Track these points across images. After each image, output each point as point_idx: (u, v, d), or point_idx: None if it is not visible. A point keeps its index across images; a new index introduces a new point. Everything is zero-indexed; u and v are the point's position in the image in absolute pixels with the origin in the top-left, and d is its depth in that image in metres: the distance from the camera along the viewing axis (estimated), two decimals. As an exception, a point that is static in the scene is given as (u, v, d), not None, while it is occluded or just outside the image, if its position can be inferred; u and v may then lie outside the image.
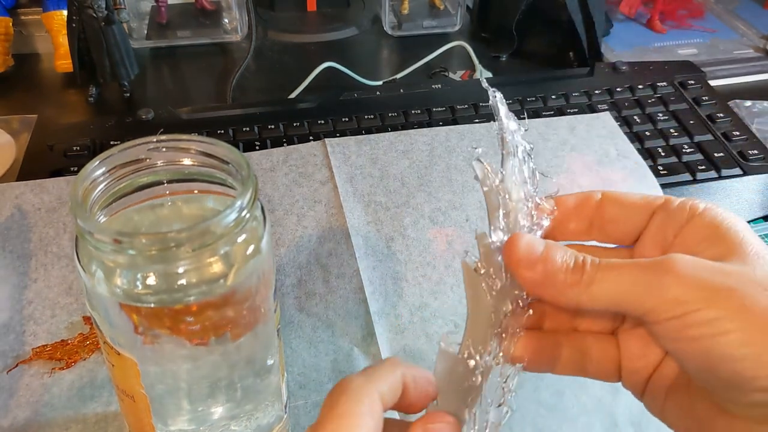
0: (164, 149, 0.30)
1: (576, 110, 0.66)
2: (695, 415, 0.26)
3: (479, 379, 0.28)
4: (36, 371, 0.42)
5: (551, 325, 0.30)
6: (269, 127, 0.62)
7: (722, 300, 0.23)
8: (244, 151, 0.59)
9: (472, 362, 0.28)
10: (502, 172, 0.29)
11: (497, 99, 0.30)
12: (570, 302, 0.26)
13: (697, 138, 0.63)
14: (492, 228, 0.28)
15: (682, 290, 0.24)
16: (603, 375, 0.29)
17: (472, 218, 0.53)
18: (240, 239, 0.28)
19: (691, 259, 0.24)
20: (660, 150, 0.61)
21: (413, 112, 0.65)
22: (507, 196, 0.28)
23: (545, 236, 0.29)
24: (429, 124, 0.63)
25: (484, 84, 0.30)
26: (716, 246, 0.26)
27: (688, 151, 0.61)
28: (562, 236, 0.30)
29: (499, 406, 0.28)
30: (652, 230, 0.28)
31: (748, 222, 0.54)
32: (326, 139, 0.59)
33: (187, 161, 0.31)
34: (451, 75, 0.76)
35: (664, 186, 0.56)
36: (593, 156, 0.57)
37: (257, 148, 0.60)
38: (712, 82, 0.72)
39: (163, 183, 0.31)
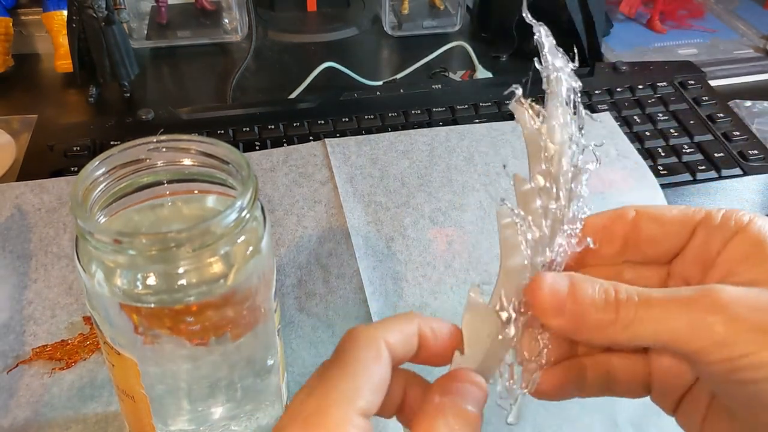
0: (164, 149, 0.30)
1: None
2: None
3: (512, 331, 0.26)
4: (36, 371, 0.42)
5: (581, 350, 0.28)
6: (269, 127, 0.62)
7: None
8: (244, 151, 0.59)
9: (504, 314, 0.26)
10: (543, 114, 0.27)
11: (542, 33, 0.27)
12: (607, 342, 0.24)
13: (697, 138, 0.62)
14: (532, 173, 0.26)
15: (731, 332, 0.22)
16: (631, 393, 0.28)
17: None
18: (240, 239, 0.28)
19: (737, 293, 0.23)
20: (660, 150, 0.61)
21: (413, 112, 0.65)
22: (549, 139, 0.26)
23: (573, 263, 0.27)
24: (429, 125, 0.63)
25: (528, 17, 0.27)
26: (761, 266, 0.24)
27: (688, 151, 0.61)
28: (593, 260, 0.28)
29: (536, 357, 0.26)
30: (693, 247, 0.26)
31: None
32: (326, 140, 0.58)
33: (187, 161, 0.31)
34: (451, 75, 0.76)
35: (664, 186, 0.56)
36: (592, 156, 0.57)
37: (257, 148, 0.60)
38: (712, 82, 0.72)
39: (164, 183, 0.31)
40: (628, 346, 0.24)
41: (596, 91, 0.68)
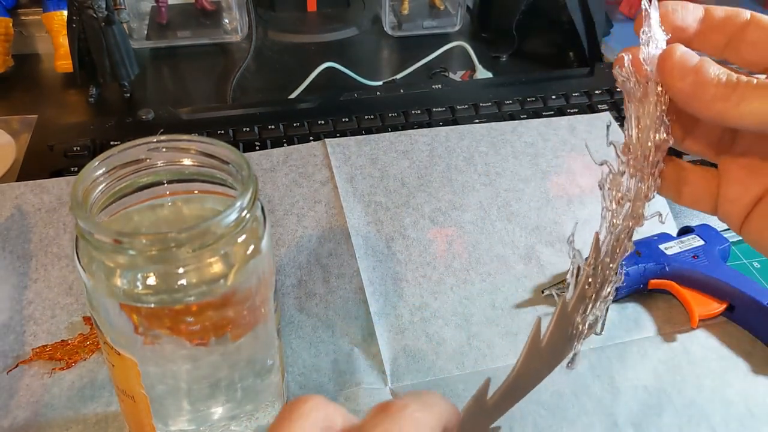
0: (164, 149, 0.30)
1: (576, 110, 0.66)
2: None
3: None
4: (36, 371, 0.42)
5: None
6: (269, 127, 0.62)
7: None
8: (244, 151, 0.58)
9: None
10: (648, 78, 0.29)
11: (653, 2, 0.29)
12: (717, 116, 0.26)
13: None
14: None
15: None
16: (699, 203, 0.30)
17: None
18: (240, 239, 0.28)
19: None
20: (660, 150, 0.61)
21: (413, 112, 0.65)
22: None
23: (680, 42, 0.29)
24: (429, 125, 0.63)
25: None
26: None
27: (688, 151, 0.61)
28: (699, 46, 0.29)
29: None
30: None
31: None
32: (326, 140, 0.58)
33: (187, 161, 0.31)
34: (451, 75, 0.76)
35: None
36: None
37: (257, 148, 0.60)
38: (713, 82, 0.72)
39: (164, 183, 0.31)
40: (737, 124, 0.25)
41: (596, 91, 0.68)
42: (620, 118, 0.64)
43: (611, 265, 0.29)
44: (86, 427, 0.39)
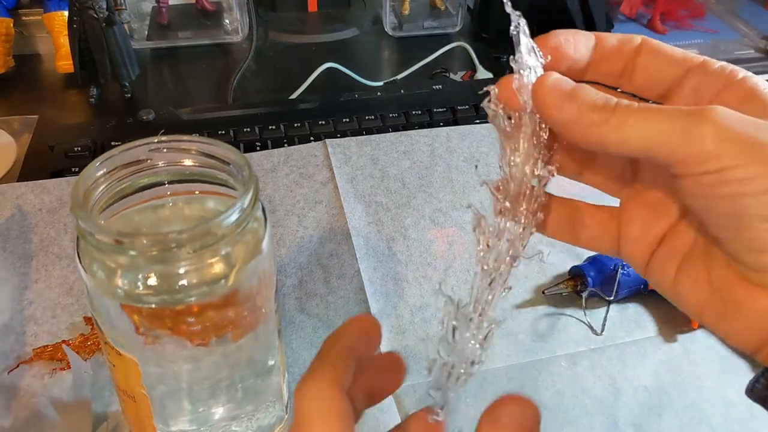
0: (165, 150, 0.30)
1: (577, 111, 0.66)
2: (711, 287, 0.25)
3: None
4: (37, 372, 0.42)
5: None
6: (270, 127, 0.62)
7: (765, 157, 0.21)
8: (245, 151, 0.59)
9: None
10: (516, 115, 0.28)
11: (520, 26, 0.28)
12: (597, 142, 0.24)
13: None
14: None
15: (721, 144, 0.21)
16: (599, 244, 0.28)
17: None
18: (241, 240, 0.28)
19: (735, 112, 0.22)
20: (661, 150, 0.61)
21: (414, 112, 0.65)
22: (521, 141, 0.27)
23: (573, 77, 0.27)
24: (430, 125, 0.63)
25: (508, 7, 0.28)
26: (755, 110, 0.24)
27: (688, 151, 0.61)
28: (594, 76, 0.28)
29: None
30: (685, 89, 0.26)
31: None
32: (327, 140, 0.59)
33: (188, 162, 0.31)
34: (451, 75, 0.76)
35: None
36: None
37: (258, 148, 0.60)
38: (713, 83, 0.72)
39: (165, 184, 0.31)
40: (619, 149, 0.24)
41: (597, 92, 0.68)
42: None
43: (487, 309, 0.26)
44: (87, 427, 0.39)
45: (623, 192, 0.28)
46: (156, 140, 0.30)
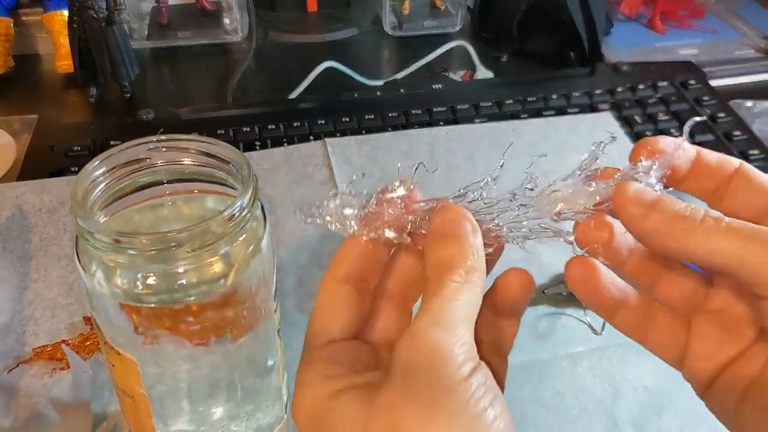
0: (164, 149, 0.30)
1: (577, 110, 0.66)
2: None
3: None
4: (37, 371, 0.42)
5: (630, 272, 0.28)
6: (269, 127, 0.62)
7: None
8: (245, 151, 0.58)
9: None
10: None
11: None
12: (681, 249, 0.23)
13: (698, 138, 0.62)
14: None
15: None
16: (663, 352, 0.27)
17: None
18: (240, 239, 0.28)
19: None
20: (661, 150, 0.61)
21: (414, 112, 0.65)
22: None
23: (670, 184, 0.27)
24: (429, 124, 0.63)
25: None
26: None
27: (689, 151, 0.61)
28: (687, 189, 0.27)
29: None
30: None
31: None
32: (327, 139, 0.58)
33: (187, 161, 0.31)
34: (451, 75, 0.76)
35: (665, 185, 0.56)
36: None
37: (258, 148, 0.60)
38: (713, 83, 0.72)
39: (164, 183, 0.31)
40: (703, 259, 0.23)
41: (597, 91, 0.68)
42: (621, 118, 0.64)
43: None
44: (87, 426, 0.39)
45: (695, 310, 0.27)
46: (155, 139, 0.30)
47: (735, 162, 0.26)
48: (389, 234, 0.28)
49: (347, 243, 0.28)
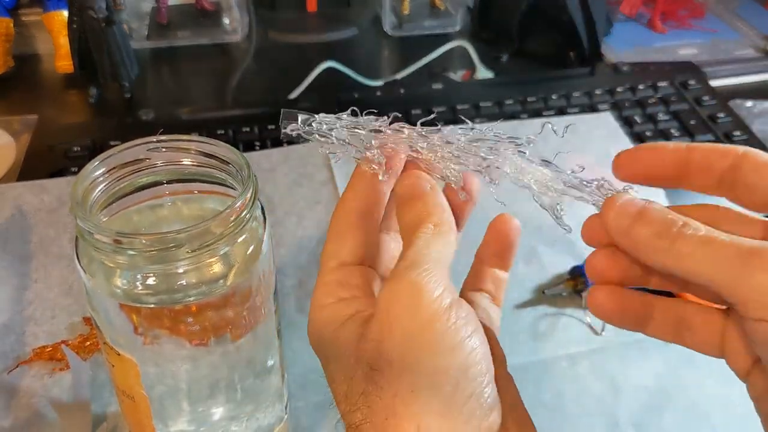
0: (164, 149, 0.30)
1: (577, 110, 0.66)
2: None
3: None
4: (36, 372, 0.42)
5: (656, 283, 0.27)
6: (269, 127, 0.62)
7: None
8: (244, 151, 0.58)
9: None
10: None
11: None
12: (661, 267, 0.24)
13: (698, 138, 0.62)
14: None
15: None
16: (704, 348, 0.27)
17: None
18: (240, 240, 0.28)
19: None
20: (661, 150, 0.61)
21: (414, 112, 0.65)
22: None
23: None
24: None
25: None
26: None
27: (689, 151, 0.61)
28: (689, 187, 0.26)
29: None
30: None
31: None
32: (327, 140, 0.58)
33: (187, 161, 0.31)
34: (451, 75, 0.76)
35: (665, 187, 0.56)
36: (593, 156, 0.57)
37: (257, 148, 0.60)
38: (713, 83, 0.72)
39: (163, 183, 0.31)
40: (683, 276, 0.23)
41: (597, 91, 0.68)
42: (621, 118, 0.64)
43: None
44: (87, 427, 0.39)
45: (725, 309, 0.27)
46: (155, 139, 0.30)
47: (738, 149, 0.25)
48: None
49: (356, 173, 0.30)
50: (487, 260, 0.33)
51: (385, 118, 0.31)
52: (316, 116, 0.29)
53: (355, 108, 0.30)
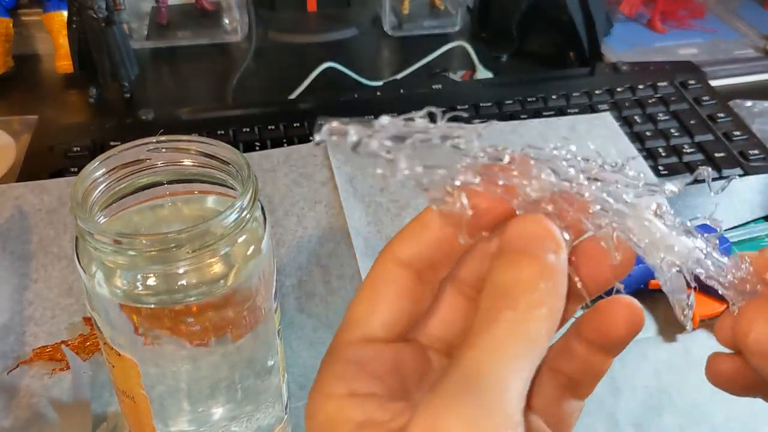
0: (164, 150, 0.30)
1: (576, 110, 0.66)
2: None
3: None
4: (36, 372, 0.42)
5: None
6: (269, 127, 0.62)
7: None
8: (245, 151, 0.58)
9: None
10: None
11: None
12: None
13: (698, 138, 0.62)
14: None
15: None
16: None
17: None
18: (240, 240, 0.28)
19: None
20: (661, 150, 0.61)
21: (413, 112, 0.64)
22: None
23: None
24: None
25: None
26: None
27: (688, 151, 0.61)
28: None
29: None
30: None
31: (748, 222, 0.54)
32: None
33: (187, 162, 0.31)
34: (451, 75, 0.76)
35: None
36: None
37: (257, 148, 0.60)
38: (713, 82, 0.72)
39: (164, 183, 0.31)
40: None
41: (597, 91, 0.68)
42: (621, 118, 0.64)
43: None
44: (87, 427, 0.39)
45: None
46: (155, 140, 0.30)
47: None
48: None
49: (424, 217, 0.21)
50: (585, 341, 0.24)
51: (510, 149, 0.21)
52: (375, 123, 0.21)
53: (432, 109, 0.20)
